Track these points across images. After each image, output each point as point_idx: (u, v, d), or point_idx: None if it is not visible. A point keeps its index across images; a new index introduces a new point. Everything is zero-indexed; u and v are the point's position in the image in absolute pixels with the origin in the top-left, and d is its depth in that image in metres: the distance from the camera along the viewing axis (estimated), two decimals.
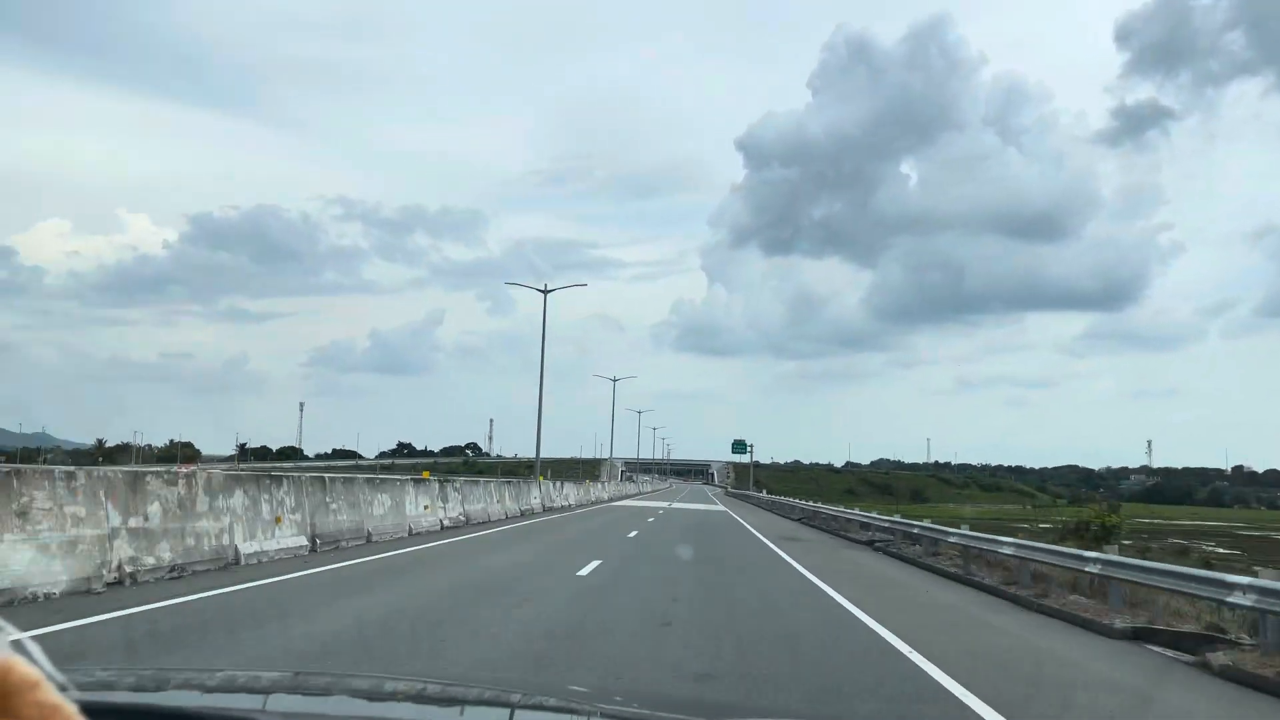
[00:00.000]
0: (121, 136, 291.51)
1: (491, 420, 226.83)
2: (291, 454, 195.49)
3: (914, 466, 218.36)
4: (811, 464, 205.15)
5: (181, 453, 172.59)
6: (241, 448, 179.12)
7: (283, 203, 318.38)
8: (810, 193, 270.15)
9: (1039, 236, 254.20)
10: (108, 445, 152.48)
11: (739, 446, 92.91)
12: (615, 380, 79.30)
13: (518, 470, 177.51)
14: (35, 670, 0.74)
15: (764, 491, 66.95)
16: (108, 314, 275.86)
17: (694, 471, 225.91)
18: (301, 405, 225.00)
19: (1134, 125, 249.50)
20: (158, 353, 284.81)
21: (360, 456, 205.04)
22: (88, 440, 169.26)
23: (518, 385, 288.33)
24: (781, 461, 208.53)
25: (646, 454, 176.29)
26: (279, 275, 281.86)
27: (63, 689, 0.75)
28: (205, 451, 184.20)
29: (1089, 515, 24.74)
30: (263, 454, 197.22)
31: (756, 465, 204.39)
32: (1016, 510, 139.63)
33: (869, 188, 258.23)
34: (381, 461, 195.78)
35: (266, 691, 2.09)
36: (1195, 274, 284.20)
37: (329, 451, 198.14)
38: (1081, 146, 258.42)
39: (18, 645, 0.77)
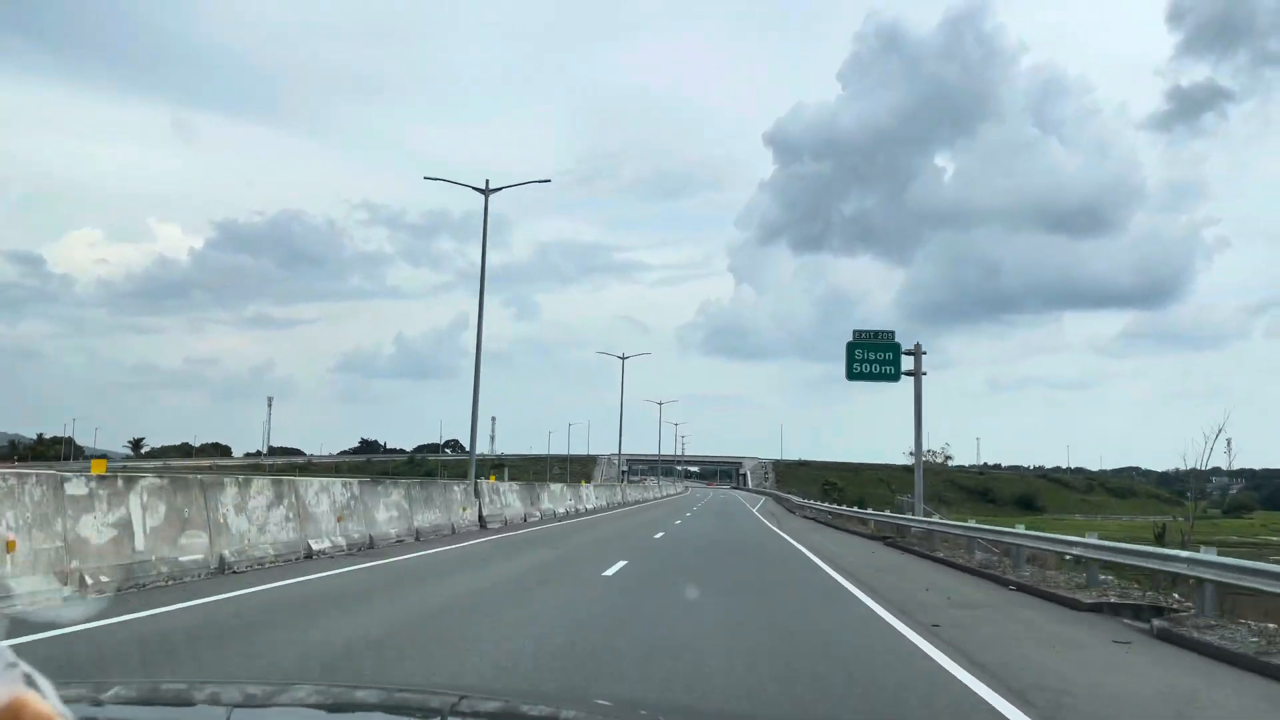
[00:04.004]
0: (151, 145, 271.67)
1: (494, 419, 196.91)
2: (215, 451, 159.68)
3: (963, 469, 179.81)
4: (859, 464, 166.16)
5: (56, 449, 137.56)
6: (135, 444, 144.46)
7: (308, 208, 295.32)
8: (841, 187, 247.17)
9: (1081, 231, 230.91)
10: None
11: (886, 359, 26.94)
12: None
13: (481, 469, 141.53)
14: (49, 707, 0.70)
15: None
16: (135, 321, 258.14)
17: (720, 473, 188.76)
18: (270, 400, 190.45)
19: (1189, 109, 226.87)
20: (183, 358, 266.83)
21: (301, 454, 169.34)
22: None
23: (538, 387, 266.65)
24: (817, 460, 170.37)
25: (666, 452, 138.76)
26: (305, 281, 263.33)
27: None
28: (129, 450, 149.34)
29: None
30: (184, 451, 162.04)
31: (799, 464, 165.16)
32: (1172, 523, 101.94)
33: (902, 181, 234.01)
34: (326, 460, 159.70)
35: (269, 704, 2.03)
36: (1244, 268, 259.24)
37: (264, 450, 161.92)
38: (1128, 134, 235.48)
39: (29, 680, 0.72)
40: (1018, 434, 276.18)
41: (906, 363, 27.27)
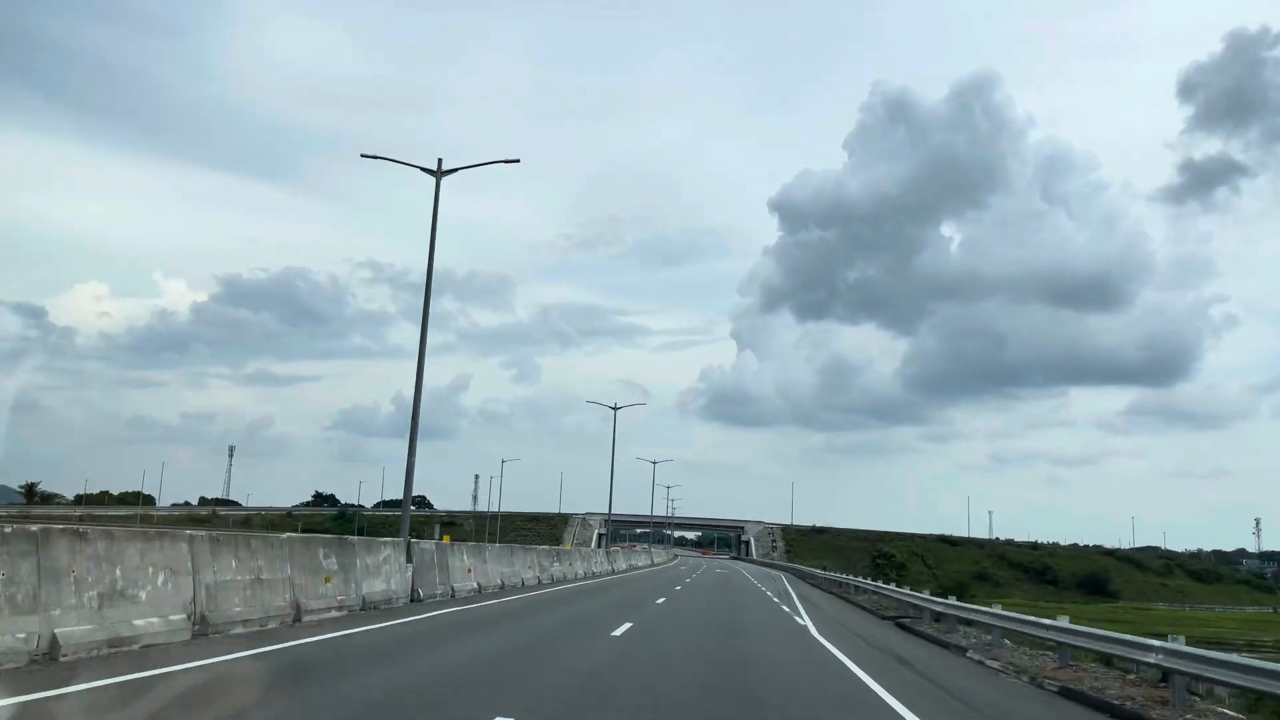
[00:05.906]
0: (162, 203, 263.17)
1: (476, 477, 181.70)
2: (135, 499, 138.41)
3: (1013, 544, 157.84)
4: (884, 532, 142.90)
5: None
6: (29, 489, 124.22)
7: (312, 265, 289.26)
8: (846, 255, 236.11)
9: (1088, 305, 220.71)
10: None
11: None
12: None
13: (423, 527, 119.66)
14: None
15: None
16: (136, 375, 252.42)
17: (718, 540, 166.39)
18: (231, 450, 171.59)
19: (1201, 182, 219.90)
20: (179, 413, 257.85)
21: (239, 505, 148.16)
22: None
23: (536, 450, 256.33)
24: (837, 527, 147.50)
25: (647, 512, 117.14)
26: (307, 338, 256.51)
27: None
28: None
29: None
30: (100, 499, 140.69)
31: (816, 531, 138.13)
32: None
33: (908, 251, 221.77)
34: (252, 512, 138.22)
35: None
36: (1252, 347, 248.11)
37: (193, 501, 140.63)
38: (1137, 209, 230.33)
39: None
40: (1023, 509, 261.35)
41: None
